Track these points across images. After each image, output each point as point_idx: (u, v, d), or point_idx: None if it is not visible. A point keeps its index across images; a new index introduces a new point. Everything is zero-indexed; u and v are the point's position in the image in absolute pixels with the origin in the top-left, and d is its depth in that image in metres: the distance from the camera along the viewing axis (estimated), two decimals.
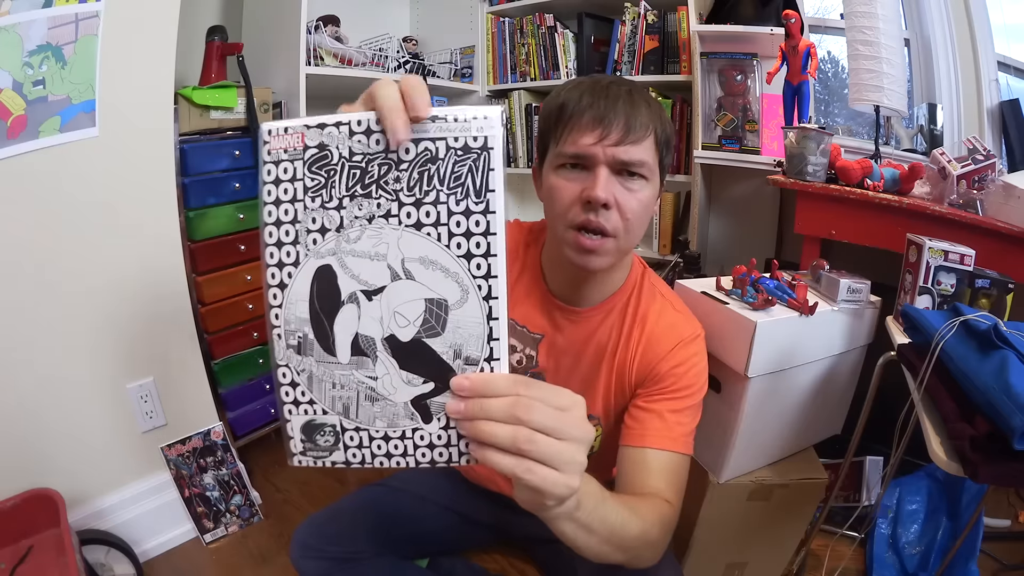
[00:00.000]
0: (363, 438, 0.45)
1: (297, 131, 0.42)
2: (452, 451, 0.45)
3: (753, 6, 1.78)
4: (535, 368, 0.86)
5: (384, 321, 0.43)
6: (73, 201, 1.19)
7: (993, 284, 0.98)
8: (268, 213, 0.43)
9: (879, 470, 1.45)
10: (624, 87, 0.73)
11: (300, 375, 0.45)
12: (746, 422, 1.01)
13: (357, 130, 0.42)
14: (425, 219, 0.42)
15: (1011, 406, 0.64)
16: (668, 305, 0.86)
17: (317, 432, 0.46)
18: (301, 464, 0.47)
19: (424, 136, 0.41)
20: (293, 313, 0.44)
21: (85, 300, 1.25)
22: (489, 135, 0.41)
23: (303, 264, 0.43)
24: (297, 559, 0.91)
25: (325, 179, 0.42)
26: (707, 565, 1.16)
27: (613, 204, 0.71)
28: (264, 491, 1.61)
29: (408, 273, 0.42)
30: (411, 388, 0.44)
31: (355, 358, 0.44)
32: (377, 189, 0.42)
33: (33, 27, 1.07)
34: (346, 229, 0.43)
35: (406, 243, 0.42)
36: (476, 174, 0.41)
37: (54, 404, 1.24)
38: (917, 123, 1.72)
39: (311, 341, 0.45)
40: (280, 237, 0.44)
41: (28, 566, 1.11)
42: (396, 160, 0.41)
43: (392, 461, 0.46)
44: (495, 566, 1.03)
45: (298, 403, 0.46)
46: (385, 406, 0.44)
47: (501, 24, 2.26)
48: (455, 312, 0.42)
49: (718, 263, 2.08)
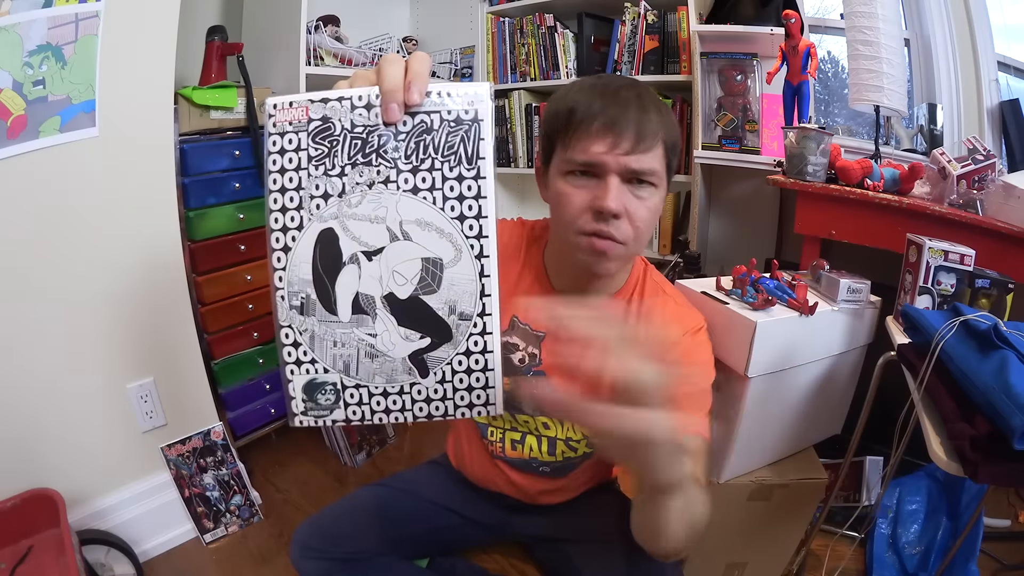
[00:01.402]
0: (363, 395, 0.47)
1: (302, 104, 0.45)
2: (447, 404, 0.47)
3: (753, 6, 1.78)
4: (537, 366, 0.86)
5: (383, 280, 0.46)
6: (73, 201, 1.19)
7: (993, 284, 0.98)
8: (273, 181, 0.46)
9: (879, 470, 1.45)
10: (634, 91, 0.72)
11: (302, 335, 0.47)
12: (746, 422, 1.01)
13: (358, 104, 0.45)
14: (421, 184, 0.45)
15: (1011, 406, 0.64)
16: (670, 300, 0.86)
17: (318, 391, 0.47)
18: (303, 424, 0.48)
19: (420, 109, 0.44)
20: (296, 275, 0.46)
21: (85, 300, 1.25)
22: (479, 108, 0.44)
23: (307, 227, 0.46)
24: (297, 559, 0.91)
25: (328, 148, 0.45)
26: (707, 565, 1.16)
27: (624, 214, 0.71)
28: (264, 491, 1.61)
29: (406, 234, 0.45)
30: (409, 344, 0.46)
31: (355, 316, 0.46)
32: (377, 157, 0.45)
33: (33, 27, 1.07)
34: (348, 195, 0.45)
35: (404, 207, 0.45)
36: (468, 143, 0.44)
37: (54, 404, 1.24)
38: (917, 123, 1.72)
39: (313, 301, 0.46)
40: (285, 203, 0.46)
41: (28, 566, 1.11)
42: (395, 132, 0.44)
43: (390, 416, 0.48)
44: (495, 566, 1.03)
45: (300, 363, 0.47)
46: (384, 362, 0.47)
47: (501, 24, 2.26)
48: (449, 270, 0.45)
49: (718, 263, 2.08)
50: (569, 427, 0.88)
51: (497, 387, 0.47)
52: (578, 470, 0.94)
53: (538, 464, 0.91)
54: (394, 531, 0.96)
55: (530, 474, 0.93)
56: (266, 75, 1.68)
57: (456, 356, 0.46)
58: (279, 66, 1.69)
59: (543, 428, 0.89)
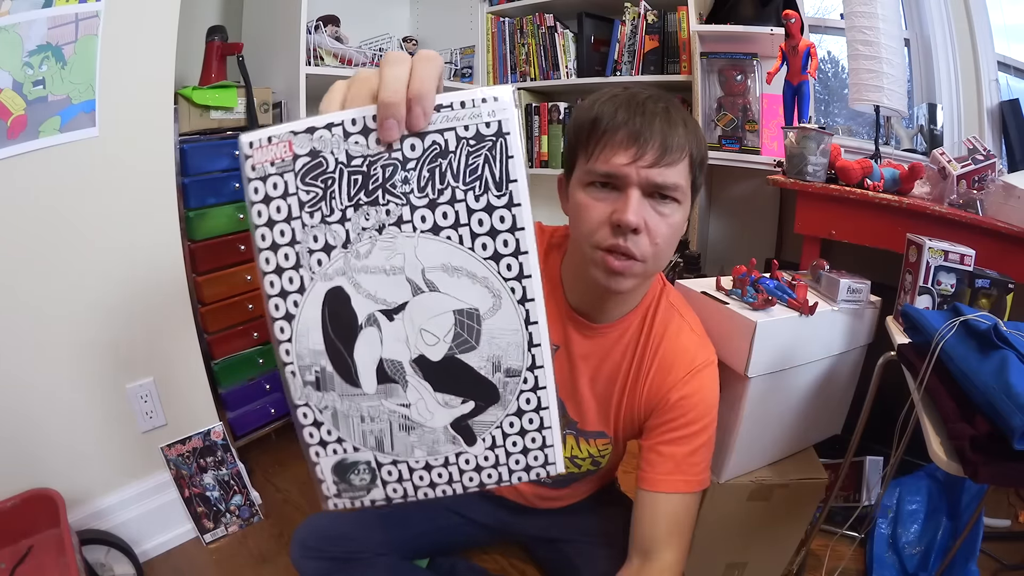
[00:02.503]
0: (402, 471, 0.42)
1: (283, 139, 0.36)
2: (501, 470, 0.42)
3: (753, 6, 1.78)
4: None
5: (410, 341, 0.39)
6: (73, 201, 1.19)
7: (993, 284, 0.98)
8: (262, 237, 0.38)
9: (879, 470, 1.45)
10: (661, 103, 0.70)
11: (323, 413, 0.40)
12: (746, 422, 1.01)
13: (352, 130, 0.36)
14: (443, 221, 0.37)
15: (1011, 406, 0.64)
16: (685, 325, 0.84)
17: (351, 471, 0.42)
18: (338, 508, 0.43)
19: (430, 129, 0.36)
20: (306, 346, 0.39)
21: (85, 300, 1.25)
22: (503, 119, 0.36)
23: (310, 289, 0.38)
24: (298, 559, 0.91)
25: (323, 190, 0.37)
26: (707, 565, 1.16)
27: (643, 229, 0.68)
28: (264, 491, 1.61)
29: (431, 284, 0.38)
30: (449, 410, 0.40)
31: (383, 386, 0.40)
32: (384, 194, 0.37)
33: (33, 27, 1.07)
34: (354, 244, 0.37)
35: (424, 251, 0.37)
36: (494, 164, 0.36)
37: (54, 404, 1.24)
38: (917, 123, 1.72)
39: (330, 374, 0.39)
40: (279, 263, 0.38)
41: (28, 566, 1.11)
42: (402, 159, 0.36)
43: (437, 491, 0.42)
44: (495, 566, 1.03)
45: (325, 443, 0.41)
46: (423, 433, 0.41)
47: (501, 24, 2.26)
48: (489, 321, 0.38)
49: (718, 263, 2.08)
50: (572, 445, 0.88)
51: (556, 444, 0.42)
52: (580, 483, 0.94)
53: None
54: (394, 531, 0.96)
55: (532, 482, 0.93)
56: (266, 75, 1.68)
57: (507, 418, 0.40)
58: (279, 66, 1.69)
59: None
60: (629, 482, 0.92)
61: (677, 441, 0.79)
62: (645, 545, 0.78)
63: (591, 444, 0.87)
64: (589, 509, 0.98)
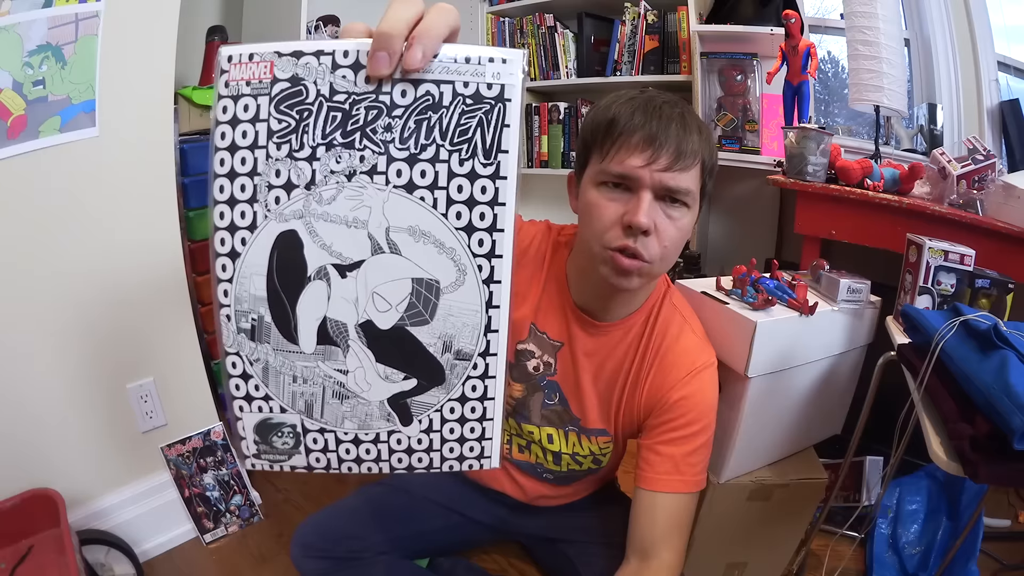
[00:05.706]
0: (329, 441, 0.39)
1: (265, 59, 0.33)
2: (433, 456, 0.39)
3: (753, 6, 1.78)
4: (552, 376, 0.86)
5: (360, 304, 0.36)
6: (73, 201, 1.19)
7: (993, 284, 0.98)
8: (220, 162, 0.34)
9: (879, 470, 1.45)
10: (678, 109, 0.71)
11: (253, 365, 0.38)
12: (746, 422, 1.01)
13: (343, 62, 0.32)
14: (420, 180, 0.34)
15: (1011, 406, 0.64)
16: (687, 327, 0.85)
17: (273, 432, 0.39)
18: (255, 467, 0.41)
19: (426, 76, 0.33)
20: (246, 290, 0.36)
21: (85, 300, 1.24)
22: (507, 83, 0.33)
23: (261, 228, 0.35)
24: (298, 559, 0.91)
25: (296, 122, 0.33)
26: (707, 565, 1.16)
27: (653, 231, 0.69)
28: (264, 491, 1.61)
29: (393, 246, 0.35)
30: (389, 385, 0.38)
31: (322, 347, 0.37)
32: (362, 138, 0.33)
33: (33, 27, 1.07)
34: (318, 186, 0.34)
35: (393, 208, 0.34)
36: (487, 129, 0.33)
37: (54, 404, 1.24)
38: (917, 123, 1.72)
39: (268, 325, 0.37)
40: (234, 192, 0.34)
41: (28, 566, 1.11)
42: (389, 104, 0.33)
43: (362, 467, 0.40)
44: (495, 566, 1.03)
45: (251, 398, 0.39)
46: (356, 405, 0.38)
47: (501, 24, 2.26)
48: (448, 296, 0.35)
49: (718, 263, 2.08)
50: (575, 442, 0.88)
51: (495, 438, 0.40)
52: (581, 482, 0.94)
53: (543, 470, 0.91)
54: (394, 531, 0.96)
55: (535, 478, 0.93)
56: None
57: (448, 402, 0.38)
58: None
59: (547, 442, 0.89)
60: (629, 482, 0.92)
61: (676, 441, 0.80)
62: (643, 545, 0.79)
63: (592, 441, 0.87)
64: (588, 508, 0.98)
